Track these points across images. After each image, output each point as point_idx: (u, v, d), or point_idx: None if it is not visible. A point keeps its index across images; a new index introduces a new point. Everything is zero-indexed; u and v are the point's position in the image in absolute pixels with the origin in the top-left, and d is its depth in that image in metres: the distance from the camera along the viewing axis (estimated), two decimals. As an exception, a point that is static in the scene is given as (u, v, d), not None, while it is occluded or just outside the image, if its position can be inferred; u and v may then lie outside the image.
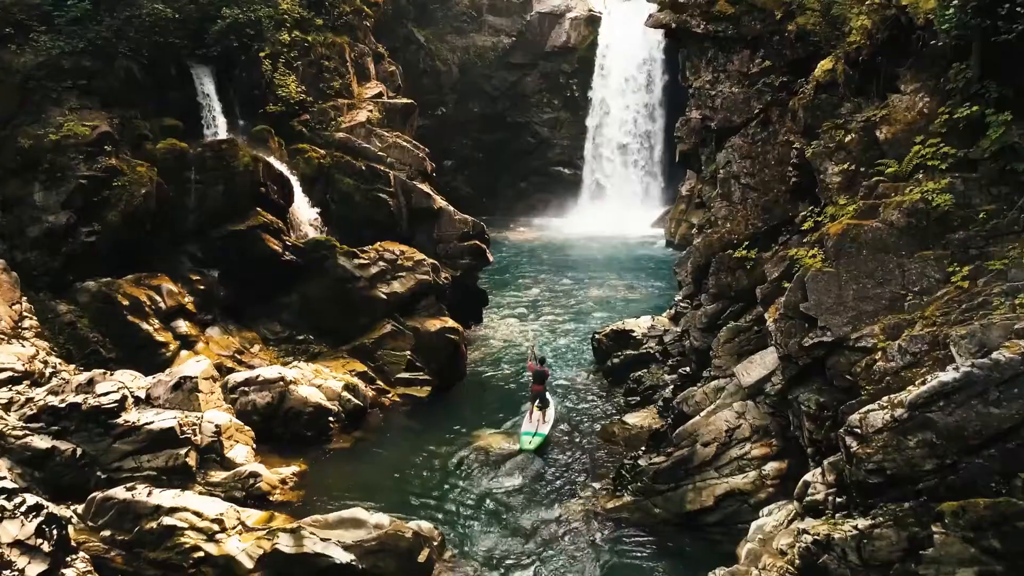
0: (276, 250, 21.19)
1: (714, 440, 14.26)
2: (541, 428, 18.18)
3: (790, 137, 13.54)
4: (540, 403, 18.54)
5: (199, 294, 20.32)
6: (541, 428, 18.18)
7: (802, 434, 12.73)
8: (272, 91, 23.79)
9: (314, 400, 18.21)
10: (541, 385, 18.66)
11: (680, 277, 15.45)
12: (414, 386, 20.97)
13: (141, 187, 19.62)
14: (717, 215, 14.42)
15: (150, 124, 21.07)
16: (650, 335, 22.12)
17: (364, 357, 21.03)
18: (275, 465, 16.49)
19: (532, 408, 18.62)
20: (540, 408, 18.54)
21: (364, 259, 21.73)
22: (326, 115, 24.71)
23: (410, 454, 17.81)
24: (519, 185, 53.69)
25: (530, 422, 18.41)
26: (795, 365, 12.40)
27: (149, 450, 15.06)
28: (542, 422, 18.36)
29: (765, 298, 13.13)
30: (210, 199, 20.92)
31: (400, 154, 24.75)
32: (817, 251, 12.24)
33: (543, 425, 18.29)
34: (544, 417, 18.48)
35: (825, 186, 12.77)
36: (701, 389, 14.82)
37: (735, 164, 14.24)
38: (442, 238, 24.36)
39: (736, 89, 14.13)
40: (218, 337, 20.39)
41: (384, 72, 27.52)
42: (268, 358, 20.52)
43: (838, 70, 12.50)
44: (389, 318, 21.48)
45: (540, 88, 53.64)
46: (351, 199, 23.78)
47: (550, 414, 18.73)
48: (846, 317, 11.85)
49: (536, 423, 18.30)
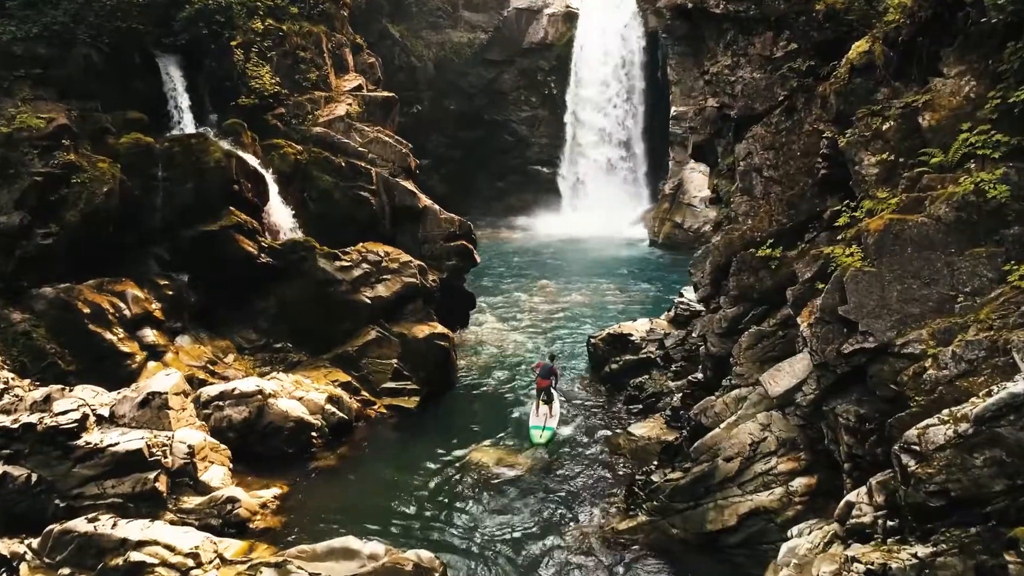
0: (251, 252, 19.74)
1: (737, 455, 13.16)
2: (549, 422, 18.00)
3: (819, 126, 12.48)
4: (545, 397, 18.36)
5: (167, 300, 18.80)
6: (549, 422, 18.00)
7: (838, 448, 11.69)
8: (245, 83, 22.32)
9: (295, 414, 16.82)
10: (547, 380, 18.41)
11: (696, 278, 14.37)
12: (401, 396, 19.65)
13: (103, 185, 18.09)
14: (737, 211, 13.34)
15: (112, 117, 19.54)
16: (649, 339, 21.07)
17: (347, 366, 19.66)
18: (254, 487, 15.08)
19: (538, 402, 18.45)
20: (545, 402, 18.36)
21: (346, 261, 20.34)
22: (303, 108, 23.26)
23: (401, 471, 16.48)
24: (496, 184, 52.57)
25: (537, 416, 18.26)
26: (832, 374, 11.35)
27: (114, 475, 13.60)
28: (549, 416, 18.20)
29: (796, 300, 12.06)
30: (179, 198, 19.41)
31: (382, 149, 23.38)
32: (855, 249, 11.19)
33: (551, 419, 18.13)
34: (551, 411, 18.32)
35: (860, 178, 11.73)
36: (721, 399, 13.72)
37: (757, 156, 13.16)
38: (427, 238, 23.04)
39: (758, 74, 13.05)
40: (189, 346, 18.88)
41: (363, 64, 26.13)
42: (243, 368, 19.06)
43: (876, 52, 11.47)
44: (373, 324, 20.12)
45: (518, 85, 52.59)
46: (330, 197, 22.37)
47: (556, 408, 18.52)
48: (890, 321, 10.81)
49: (543, 417, 18.13)
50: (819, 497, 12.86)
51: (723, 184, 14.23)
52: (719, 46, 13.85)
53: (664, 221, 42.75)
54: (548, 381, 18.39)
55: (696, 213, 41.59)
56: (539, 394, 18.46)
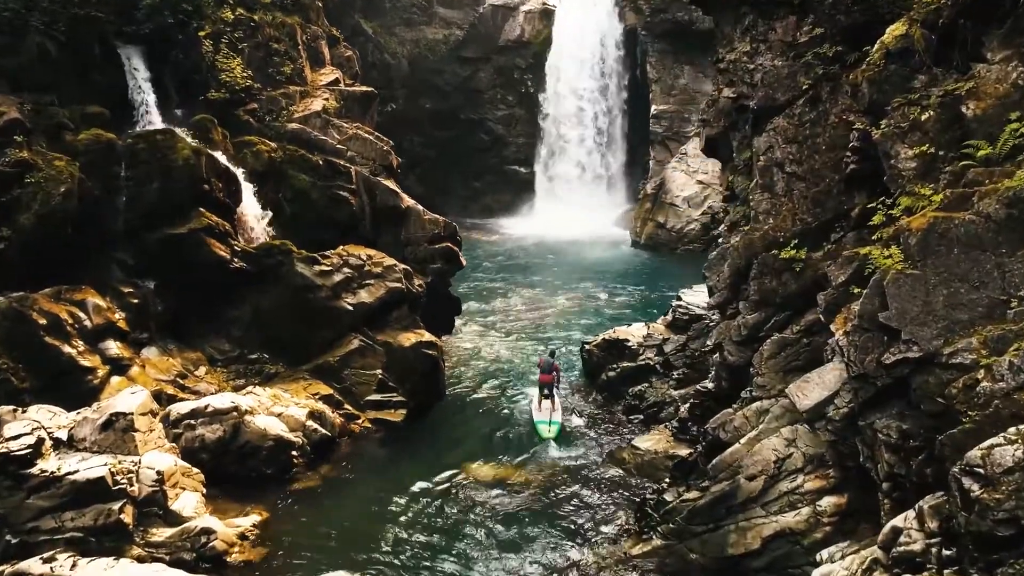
0: (223, 256, 18.37)
1: (761, 472, 12.18)
2: (554, 416, 18.03)
3: (848, 117, 11.56)
4: (547, 392, 18.38)
5: (132, 309, 17.35)
6: (554, 416, 18.03)
7: (876, 467, 10.74)
8: (214, 76, 20.93)
9: (274, 432, 15.53)
10: (550, 375, 18.38)
11: (711, 282, 13.38)
12: (387, 409, 18.42)
13: (60, 184, 16.61)
14: (757, 209, 12.36)
15: (70, 112, 18.02)
16: (647, 345, 20.08)
17: (328, 378, 18.37)
18: (231, 515, 13.77)
19: (540, 398, 18.51)
20: (546, 397, 18.40)
21: (326, 265, 19.05)
22: (276, 104, 21.90)
23: (390, 493, 15.26)
24: (473, 184, 51.49)
25: (540, 411, 18.31)
26: (871, 386, 10.41)
27: (74, 506, 12.21)
28: (553, 410, 18.20)
29: (829, 306, 11.11)
30: (144, 198, 17.97)
31: (362, 147, 22.13)
32: (895, 250, 10.26)
33: (555, 413, 18.14)
34: (553, 405, 18.34)
35: (897, 173, 10.82)
36: (740, 412, 12.73)
37: (778, 150, 12.20)
38: (410, 240, 21.80)
39: (779, 62, 12.10)
40: (156, 359, 17.46)
41: (340, 57, 24.83)
42: (216, 382, 17.68)
43: (914, 35, 10.57)
44: (356, 332, 18.85)
45: (494, 84, 51.54)
46: (307, 197, 21.05)
47: (558, 403, 18.56)
48: (936, 328, 9.88)
49: (547, 412, 18.18)
50: (849, 518, 11.94)
51: (739, 181, 13.26)
52: (736, 32, 12.87)
53: (646, 221, 41.95)
54: (551, 376, 18.41)
55: (679, 213, 40.87)
56: (541, 389, 18.47)
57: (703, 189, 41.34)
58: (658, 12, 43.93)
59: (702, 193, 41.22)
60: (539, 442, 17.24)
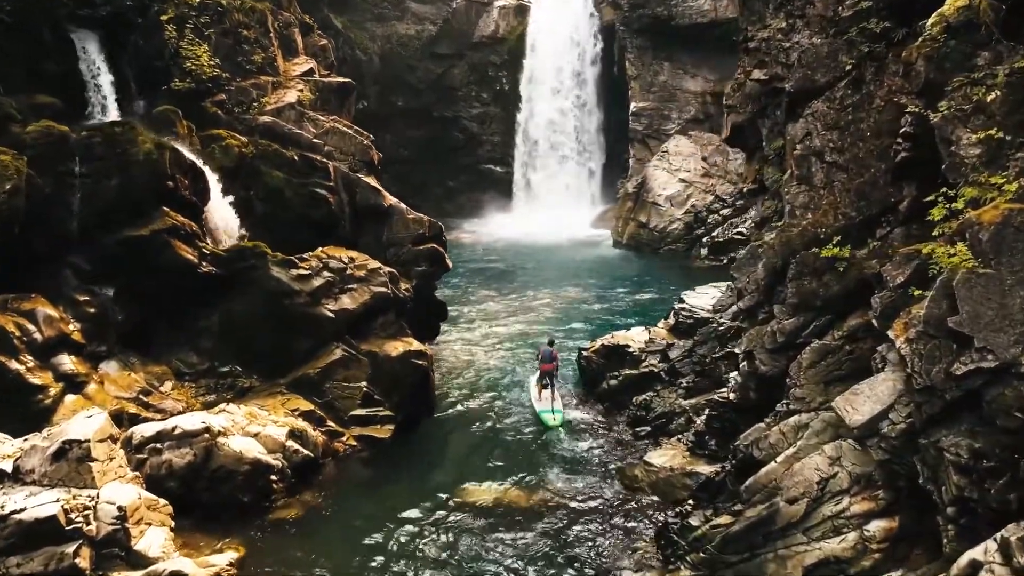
0: (190, 260, 16.75)
1: (803, 495, 10.96)
2: (556, 404, 18.01)
3: (899, 99, 10.41)
4: (547, 381, 18.34)
5: (88, 319, 15.67)
6: (556, 404, 18.01)
7: (940, 489, 9.57)
8: (178, 64, 19.35)
9: (250, 455, 13.97)
10: (550, 364, 18.28)
11: (740, 284, 12.14)
12: (373, 425, 16.91)
13: (5, 181, 14.87)
14: (794, 203, 11.16)
15: (16, 102, 16.32)
16: (649, 350, 18.85)
17: (308, 392, 16.80)
18: (204, 551, 12.21)
19: (539, 388, 18.53)
20: (546, 387, 18.38)
21: (304, 269, 17.49)
22: (247, 95, 20.32)
23: (379, 521, 13.76)
24: (448, 184, 50.15)
25: (541, 400, 18.34)
26: (939, 399, 9.25)
27: (21, 549, 10.57)
28: (553, 399, 18.15)
29: (886, 310, 9.94)
30: (101, 197, 16.28)
31: (340, 141, 20.63)
32: (961, 247, 9.13)
33: (556, 402, 18.13)
34: (554, 394, 18.27)
35: (958, 161, 9.68)
36: (776, 427, 11.51)
37: (817, 137, 11.03)
38: (393, 241, 20.32)
39: (819, 40, 10.92)
40: (116, 374, 15.77)
41: (314, 46, 23.29)
42: (184, 399, 16.05)
43: (980, 6, 9.45)
44: (338, 341, 17.31)
45: (468, 81, 50.24)
46: (281, 196, 19.48)
47: (557, 392, 18.51)
48: (1014, 334, 8.75)
49: (547, 400, 18.18)
50: (901, 543, 10.76)
51: (770, 172, 12.06)
52: (768, 7, 11.65)
53: (628, 221, 40.89)
54: (551, 365, 18.32)
55: (662, 212, 39.87)
56: (541, 378, 18.45)
57: (685, 188, 40.44)
58: (636, 7, 42.96)
59: (685, 192, 40.31)
60: (546, 431, 17.20)
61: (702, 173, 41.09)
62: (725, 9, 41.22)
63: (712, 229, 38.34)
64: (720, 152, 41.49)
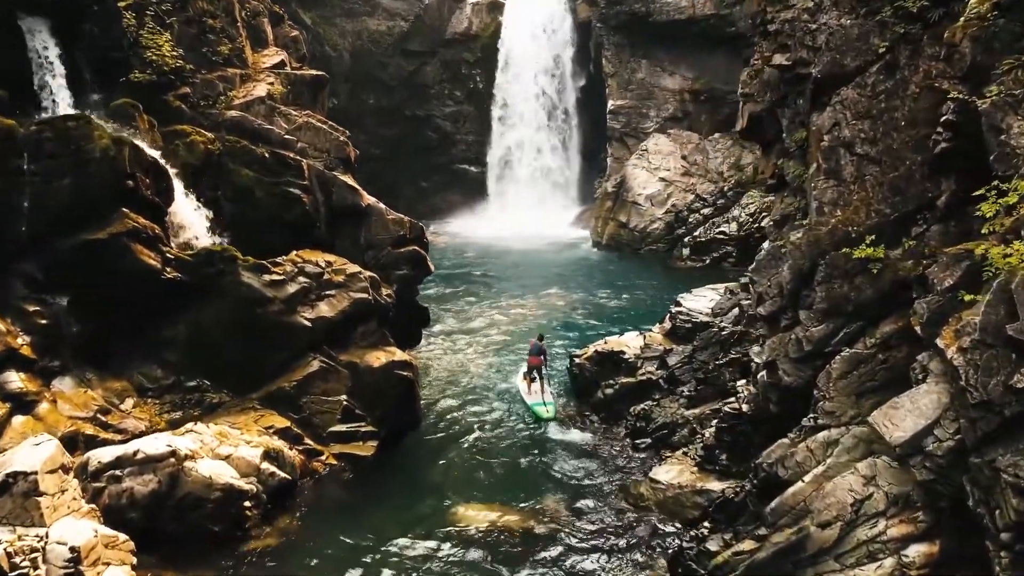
0: (152, 265, 15.39)
1: (836, 518, 10.04)
2: (547, 397, 18.16)
3: (939, 83, 9.54)
4: (535, 375, 18.49)
5: (40, 332, 14.23)
6: (547, 397, 18.16)
7: (994, 513, 8.70)
8: (138, 54, 17.86)
9: (221, 480, 12.70)
10: (538, 358, 18.50)
11: (760, 288, 11.18)
12: (354, 441, 15.70)
13: (-57, 180, 13.41)
14: (821, 200, 10.24)
15: (-43, 93, 14.81)
16: (645, 356, 17.89)
17: (284, 407, 15.56)
18: (171, 591, 10.93)
19: (529, 381, 18.65)
20: (534, 380, 18.51)
21: (277, 274, 16.23)
22: (213, 88, 18.91)
23: (364, 551, 12.59)
24: (421, 184, 48.83)
25: (530, 394, 18.46)
26: (995, 415, 8.38)
27: (-43, 599, 9.21)
28: (542, 392, 18.30)
29: (932, 316, 9.05)
30: (53, 197, 14.84)
31: (314, 137, 19.34)
32: (1018, 246, 8.27)
33: (546, 394, 18.28)
34: (542, 388, 18.40)
35: (1009, 151, 8.83)
36: (804, 444, 10.58)
37: (846, 127, 10.12)
38: (372, 243, 19.10)
39: (849, 20, 10.03)
40: (71, 392, 14.36)
41: (285, 37, 21.96)
42: (147, 417, 14.71)
43: (1033, -20, 8.63)
44: (316, 352, 16.09)
45: (441, 78, 48.98)
46: (251, 195, 18.16)
47: (547, 385, 18.64)
48: (1082, 342, 7.91)
49: (537, 394, 18.32)
50: (942, 568, 9.92)
51: (791, 166, 11.13)
52: (792, -15, 10.71)
53: (608, 221, 40.02)
54: (539, 359, 18.52)
55: (642, 212, 39.05)
56: (530, 372, 18.65)
57: (666, 187, 39.69)
58: (613, 4, 42.15)
59: (665, 191, 39.56)
60: (538, 424, 17.29)
61: (682, 172, 40.39)
62: (703, 6, 40.58)
63: (693, 229, 37.64)
64: (700, 151, 40.87)
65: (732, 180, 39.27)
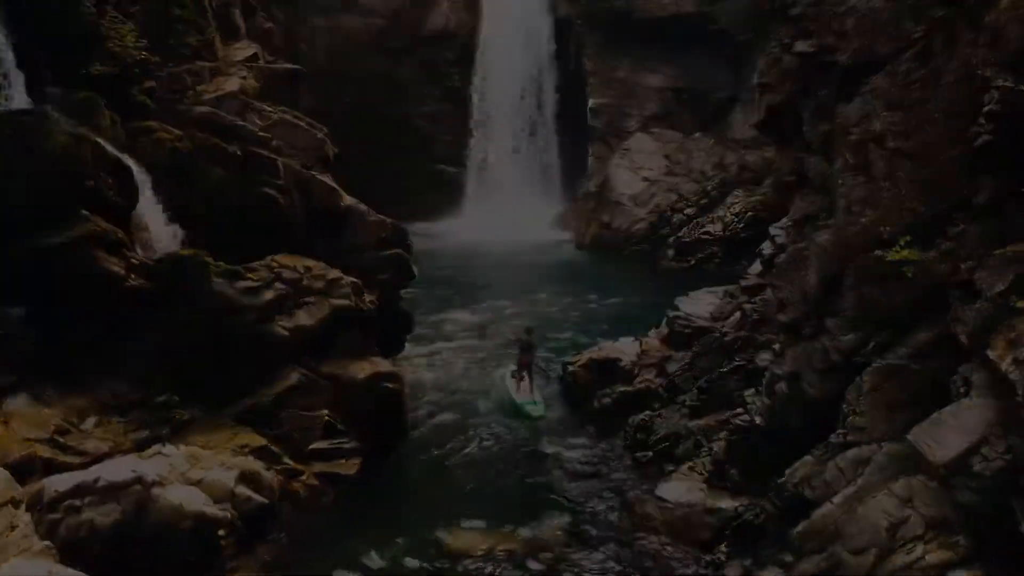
0: (116, 272, 14.24)
1: (870, 544, 9.22)
2: (536, 396, 18.13)
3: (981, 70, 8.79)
4: (523, 373, 18.32)
5: (-9, 346, 13.05)
6: (536, 396, 18.13)
7: (1050, 541, 7.95)
8: (99, 45, 16.66)
9: (192, 508, 11.60)
10: (528, 355, 18.43)
11: (782, 294, 10.39)
12: (337, 459, 14.65)
13: None
14: (849, 198, 9.47)
15: (-102, 86, 13.58)
16: (643, 364, 17.08)
17: (260, 423, 14.46)
18: (136, 636, 9.83)
19: (518, 379, 18.44)
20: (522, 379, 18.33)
21: (252, 280, 15.15)
22: (181, 82, 17.84)
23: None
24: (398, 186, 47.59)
25: (519, 392, 18.28)
26: (1055, 434, 7.61)
27: None
28: (530, 390, 18.25)
29: (983, 324, 8.29)
30: (5, 199, 13.64)
31: (290, 135, 18.33)
32: (1078, 247, 7.52)
33: (535, 392, 18.25)
34: (531, 386, 18.36)
35: (1061, 143, 8.09)
36: (833, 462, 9.78)
37: (877, 119, 9.37)
38: (353, 247, 18.04)
39: (880, 3, 9.28)
40: (26, 410, 13.16)
41: (258, 29, 20.94)
42: (110, 437, 13.50)
43: (1090, -46, 7.90)
44: (294, 364, 15.03)
45: (418, 78, 47.88)
46: (224, 196, 16.97)
47: (535, 381, 18.62)
48: None
49: (525, 392, 18.21)
50: (984, 597, 9.18)
51: (813, 162, 10.34)
52: (816, -34, 9.92)
53: (591, 222, 39.30)
54: (528, 356, 18.45)
55: (626, 212, 38.34)
56: (519, 370, 18.49)
57: (649, 187, 39.05)
58: (595, 1, 41.46)
59: (649, 191, 38.91)
60: (527, 424, 17.10)
61: (665, 171, 39.79)
62: (686, 3, 40.09)
63: (678, 229, 37.01)
64: (683, 150, 40.31)
65: (716, 179, 38.71)
